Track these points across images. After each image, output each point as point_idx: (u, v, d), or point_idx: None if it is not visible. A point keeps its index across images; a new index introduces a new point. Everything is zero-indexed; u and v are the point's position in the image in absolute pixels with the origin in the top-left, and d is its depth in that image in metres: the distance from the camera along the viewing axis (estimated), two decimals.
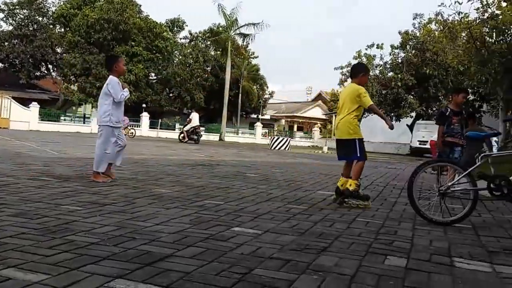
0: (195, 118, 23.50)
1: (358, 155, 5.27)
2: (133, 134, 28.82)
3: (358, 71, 5.67)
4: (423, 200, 4.79)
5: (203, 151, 16.30)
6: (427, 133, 27.16)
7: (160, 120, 39.06)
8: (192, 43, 44.93)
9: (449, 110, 6.66)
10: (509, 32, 7.98)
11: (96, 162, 5.88)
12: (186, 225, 3.55)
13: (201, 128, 25.54)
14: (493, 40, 8.41)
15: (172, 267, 2.48)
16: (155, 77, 41.45)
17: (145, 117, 36.41)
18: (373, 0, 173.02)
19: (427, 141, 27.01)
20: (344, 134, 5.36)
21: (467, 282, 2.56)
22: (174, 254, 2.73)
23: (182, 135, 23.79)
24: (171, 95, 42.35)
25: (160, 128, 37.66)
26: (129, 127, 29.52)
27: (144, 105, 37.49)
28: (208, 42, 44.58)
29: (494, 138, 8.76)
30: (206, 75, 42.99)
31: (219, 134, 37.11)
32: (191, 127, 23.10)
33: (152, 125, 37.97)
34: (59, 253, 2.60)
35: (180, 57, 42.74)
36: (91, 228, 3.25)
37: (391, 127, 5.33)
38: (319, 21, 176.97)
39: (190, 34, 45.90)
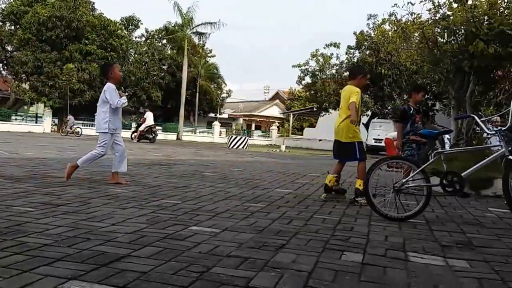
0: (149, 117, 23.17)
1: (358, 156, 5.52)
2: (79, 133, 28.05)
3: (358, 72, 5.87)
4: (379, 196, 4.89)
5: (160, 150, 16.07)
6: (382, 131, 27.84)
7: None
8: (148, 41, 44.21)
9: (412, 108, 6.76)
10: (460, 32, 8.28)
11: (82, 159, 5.91)
12: (142, 225, 3.48)
13: (157, 127, 25.17)
14: (444, 40, 8.71)
15: (128, 267, 2.43)
16: None
17: None
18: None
19: (382, 139, 27.72)
20: (344, 138, 5.56)
21: (421, 275, 2.62)
22: (131, 254, 2.68)
23: (134, 134, 23.35)
24: (126, 94, 41.57)
25: None
26: (74, 126, 28.74)
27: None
28: (164, 41, 44.02)
29: (447, 136, 9.08)
30: (163, 74, 42.46)
31: (176, 133, 36.76)
32: (146, 126, 22.76)
33: None
34: (10, 255, 2.50)
35: (136, 55, 42.00)
36: (44, 230, 3.14)
37: (352, 122, 5.41)
38: (277, 20, 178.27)
39: (147, 32, 45.20)
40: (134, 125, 34.85)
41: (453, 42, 8.61)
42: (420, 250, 3.25)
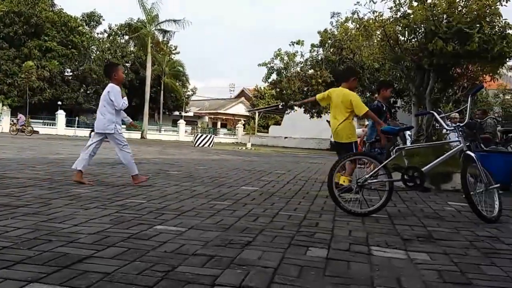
0: None
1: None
2: (31, 132, 27.27)
3: (349, 74, 6.07)
4: (343, 192, 4.97)
5: None
6: None
7: (77, 118, 37.30)
8: (110, 38, 43.30)
9: (384, 105, 6.86)
10: (420, 30, 8.48)
11: (129, 168, 6.04)
12: (106, 225, 3.41)
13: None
14: (405, 39, 8.90)
15: (91, 268, 2.38)
16: (71, 73, 39.54)
17: (60, 115, 34.61)
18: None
19: None
20: (344, 139, 5.85)
21: (383, 269, 2.68)
22: (94, 255, 2.62)
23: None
24: (88, 92, 40.61)
25: (78, 127, 35.94)
26: (25, 125, 27.92)
27: (59, 103, 35.61)
28: (127, 37, 43.23)
29: (408, 132, 9.30)
30: (126, 71, 41.69)
31: (140, 132, 36.19)
32: None
33: (69, 123, 36.17)
34: None
35: (98, 52, 41.08)
36: (3, 232, 3.03)
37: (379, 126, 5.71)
38: (243, 19, 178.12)
39: (109, 28, 44.26)
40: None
41: (413, 40, 8.81)
42: (382, 244, 3.32)
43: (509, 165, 7.84)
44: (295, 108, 34.18)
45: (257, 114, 45.68)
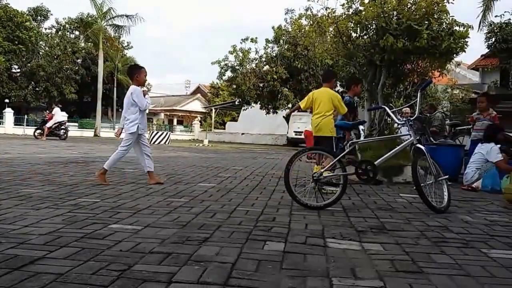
0: (58, 113, 21.84)
1: (334, 150, 5.86)
2: None
3: (331, 76, 6.55)
4: (299, 187, 5.04)
5: (76, 148, 15.35)
6: (302, 124, 28.59)
7: (26, 117, 35.74)
8: (60, 33, 41.65)
9: (355, 102, 7.02)
10: (371, 27, 8.66)
11: (111, 160, 6.08)
12: (58, 225, 3.32)
13: (67, 124, 23.88)
14: (357, 35, 9.07)
15: (44, 269, 2.31)
16: (18, 70, 37.88)
17: (8, 113, 32.92)
18: None
19: (302, 132, 28.48)
20: (326, 133, 6.06)
21: (339, 260, 2.74)
22: (46, 256, 2.55)
23: (38, 131, 21.83)
24: (37, 89, 39.02)
25: (27, 125, 34.37)
26: None
27: (7, 101, 34.05)
28: (77, 32, 41.81)
29: (361, 127, 9.49)
30: (77, 68, 40.34)
31: (94, 130, 35.19)
32: (55, 123, 21.45)
33: (18, 122, 34.65)
34: None
35: (47, 48, 39.48)
36: None
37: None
38: (198, 15, 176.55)
39: (57, 23, 42.54)
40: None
41: (365, 36, 8.99)
42: (338, 236, 3.39)
43: (457, 157, 8.19)
44: (252, 104, 34.25)
45: (213, 110, 45.44)
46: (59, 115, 21.94)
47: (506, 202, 5.54)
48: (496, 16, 25.09)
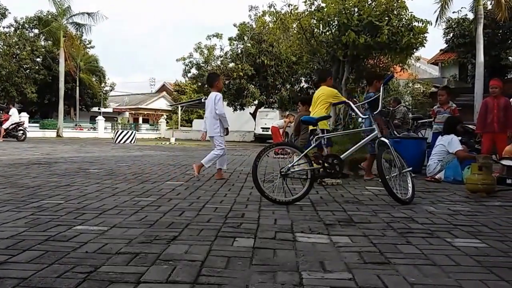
0: (15, 113, 21.16)
1: (326, 143, 6.05)
2: None
3: (327, 75, 6.98)
4: (267, 182, 5.05)
5: (37, 149, 14.91)
6: (269, 120, 28.67)
7: None
8: (18, 32, 40.23)
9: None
10: (333, 23, 8.77)
11: (208, 158, 6.72)
12: (20, 229, 3.21)
13: (27, 125, 23.07)
14: (320, 31, 9.17)
15: (6, 274, 2.24)
16: None
17: None
18: None
19: (269, 128, 28.56)
20: (321, 126, 6.19)
21: (308, 254, 2.76)
22: (8, 260, 2.47)
23: None
24: None
25: None
26: None
27: None
28: (37, 31, 40.47)
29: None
30: (37, 67, 39.11)
31: (56, 130, 34.23)
32: (12, 124, 20.76)
33: None
34: None
35: (5, 47, 38.13)
36: None
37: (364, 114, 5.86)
38: (162, 12, 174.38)
39: (16, 22, 41.04)
40: None
41: (327, 33, 9.10)
42: (306, 230, 3.41)
43: (420, 149, 8.38)
44: None
45: (179, 108, 45.01)
46: (16, 115, 21.25)
47: (467, 192, 5.71)
48: (453, 12, 25.87)
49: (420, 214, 4.20)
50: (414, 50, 9.29)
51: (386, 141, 4.94)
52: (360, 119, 6.66)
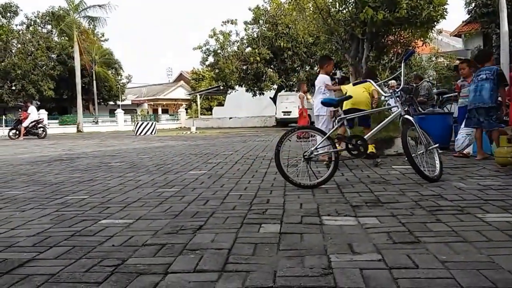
0: (33, 111, 21.30)
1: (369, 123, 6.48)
2: None
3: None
4: (291, 167, 5.00)
5: (58, 145, 15.10)
6: (289, 103, 28.48)
7: (4, 117, 34.83)
8: (31, 28, 40.37)
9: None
10: (350, 1, 8.58)
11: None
12: (46, 226, 3.22)
13: (46, 122, 23.25)
14: (337, 10, 8.98)
15: (34, 271, 2.24)
16: None
17: None
18: None
19: (290, 112, 28.34)
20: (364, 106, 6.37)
21: (335, 236, 2.71)
22: (36, 257, 2.48)
23: (13, 131, 21.20)
24: (13, 88, 38.05)
25: (6, 126, 33.33)
26: None
27: None
28: (49, 27, 40.67)
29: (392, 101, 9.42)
30: (53, 64, 39.27)
31: (76, 125, 34.56)
32: (32, 121, 20.87)
33: None
34: None
35: (19, 45, 38.41)
36: None
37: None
38: (176, 1, 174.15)
39: (27, 18, 41.06)
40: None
41: (344, 11, 8.91)
42: (333, 213, 3.36)
43: (446, 125, 8.19)
44: (236, 87, 33.95)
45: (198, 97, 45.12)
46: (34, 113, 21.36)
47: (497, 165, 5.55)
48: None
49: (449, 190, 4.10)
50: (435, 23, 9.03)
51: (411, 118, 4.81)
52: (383, 98, 6.50)
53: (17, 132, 20.82)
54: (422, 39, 9.62)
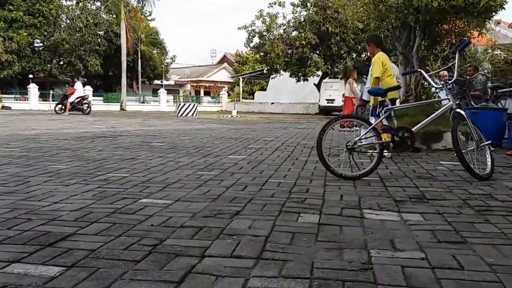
0: (80, 87, 21.66)
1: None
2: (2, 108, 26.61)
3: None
4: (333, 156, 4.90)
5: (102, 122, 15.48)
6: (334, 91, 28.03)
7: (51, 91, 35.79)
8: (80, 5, 41.14)
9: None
10: None
11: None
12: (88, 201, 3.28)
13: (91, 98, 23.62)
14: None
15: (76, 245, 2.28)
16: (41, 44, 37.95)
17: (33, 89, 32.53)
18: None
19: (334, 99, 27.92)
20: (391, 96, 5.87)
21: (377, 231, 2.63)
22: (77, 232, 2.52)
23: (59, 106, 21.59)
24: (61, 63, 39.06)
25: (53, 100, 34.16)
26: None
27: (31, 76, 34.10)
28: (99, 4, 41.37)
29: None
30: (99, 40, 39.98)
31: (119, 103, 35.19)
32: (78, 97, 21.20)
33: (43, 97, 34.65)
34: None
35: (68, 21, 39.22)
36: None
37: None
38: None
39: None
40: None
41: None
42: (375, 206, 3.27)
43: (500, 121, 7.82)
44: (280, 72, 33.63)
45: (241, 80, 45.13)
46: (80, 89, 21.68)
47: None
48: None
49: (500, 190, 3.92)
50: (493, 13, 8.59)
51: (462, 112, 4.60)
52: (433, 89, 6.25)
53: (63, 107, 21.34)
54: (478, 29, 9.19)
